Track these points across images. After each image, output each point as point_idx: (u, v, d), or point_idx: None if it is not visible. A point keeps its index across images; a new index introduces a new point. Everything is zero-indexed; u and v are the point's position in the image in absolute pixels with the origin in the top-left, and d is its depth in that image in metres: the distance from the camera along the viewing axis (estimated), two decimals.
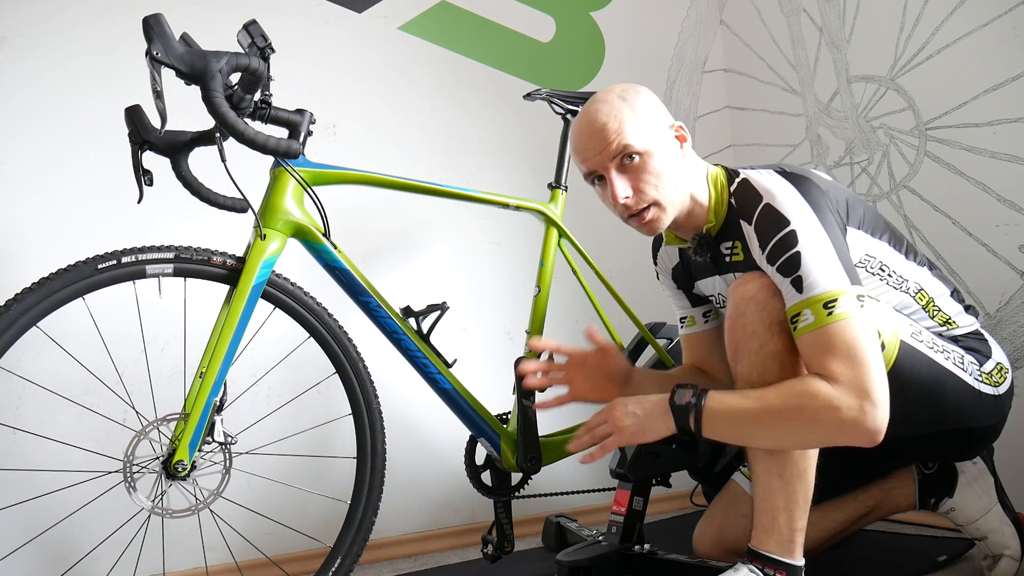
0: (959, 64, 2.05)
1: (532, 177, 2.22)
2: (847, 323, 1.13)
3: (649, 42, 2.68)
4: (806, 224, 1.20)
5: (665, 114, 1.33)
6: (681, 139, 1.32)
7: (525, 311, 1.77)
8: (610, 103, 1.30)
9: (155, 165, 1.46)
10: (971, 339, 1.39)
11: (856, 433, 1.13)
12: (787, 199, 1.23)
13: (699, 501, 2.08)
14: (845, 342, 1.12)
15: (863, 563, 1.68)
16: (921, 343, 1.28)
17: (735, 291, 1.26)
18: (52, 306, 1.25)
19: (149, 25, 1.23)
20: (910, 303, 1.34)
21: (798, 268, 1.17)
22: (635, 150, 1.27)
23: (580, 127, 1.32)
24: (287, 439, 1.73)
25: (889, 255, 1.33)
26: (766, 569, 1.21)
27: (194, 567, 1.78)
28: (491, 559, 1.65)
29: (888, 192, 2.23)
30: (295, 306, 1.47)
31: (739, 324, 1.24)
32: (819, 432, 1.16)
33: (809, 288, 1.15)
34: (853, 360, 1.12)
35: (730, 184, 1.33)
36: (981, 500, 1.49)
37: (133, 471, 1.28)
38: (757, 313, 1.21)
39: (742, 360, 1.23)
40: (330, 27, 2.16)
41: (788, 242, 1.19)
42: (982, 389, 1.33)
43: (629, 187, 1.28)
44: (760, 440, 1.21)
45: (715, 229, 1.36)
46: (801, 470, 1.21)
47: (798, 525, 1.22)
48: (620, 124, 1.27)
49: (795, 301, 1.17)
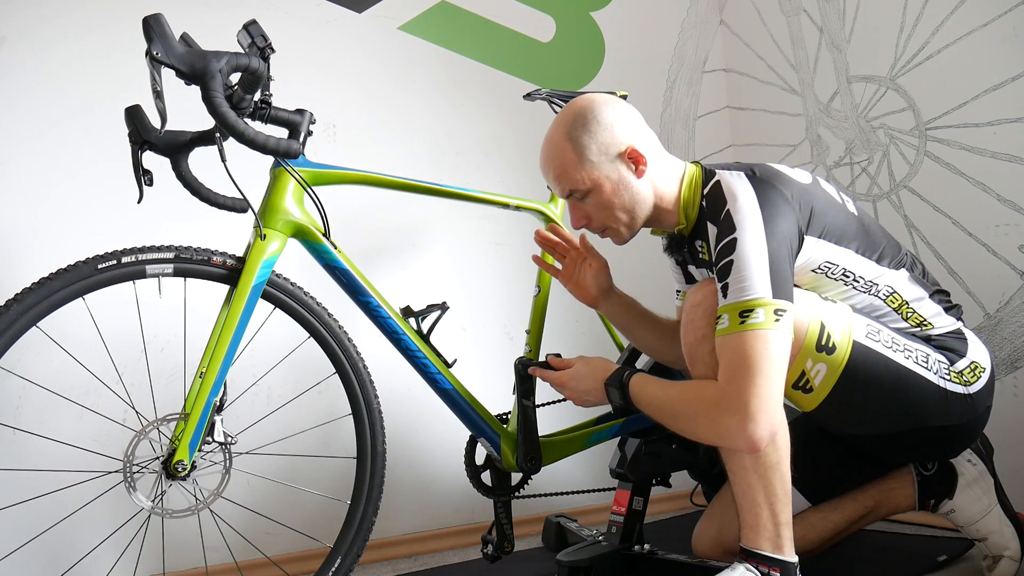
0: (959, 64, 2.05)
1: (532, 177, 2.20)
2: (752, 335, 1.16)
3: (649, 42, 2.69)
4: (749, 234, 1.22)
5: (619, 138, 1.36)
6: (636, 160, 1.36)
7: (525, 311, 1.77)
8: (554, 143, 1.39)
9: (155, 165, 1.46)
10: (948, 338, 1.40)
11: (729, 440, 1.19)
12: (744, 206, 1.25)
13: (699, 501, 2.08)
14: (741, 353, 1.16)
15: (863, 563, 1.68)
16: (878, 343, 1.31)
17: (687, 300, 1.35)
18: (52, 306, 1.25)
19: (149, 25, 1.23)
20: (880, 305, 1.37)
21: (728, 275, 1.22)
22: (580, 191, 1.37)
23: (540, 156, 1.43)
24: (287, 439, 1.73)
25: (854, 261, 1.35)
26: (760, 567, 1.22)
27: (194, 567, 1.78)
28: (491, 559, 1.65)
29: (888, 192, 2.23)
30: (295, 306, 1.47)
31: (689, 330, 1.31)
32: (703, 434, 1.25)
33: (732, 295, 1.20)
34: (742, 372, 1.16)
35: (704, 186, 1.37)
36: (981, 501, 1.49)
37: (133, 471, 1.28)
38: (704, 318, 1.28)
39: (697, 364, 1.30)
40: (330, 27, 2.16)
41: (728, 249, 1.23)
42: (949, 387, 1.34)
43: (583, 217, 1.41)
44: (674, 429, 1.32)
45: (687, 229, 1.42)
46: (773, 462, 1.23)
47: (782, 519, 1.23)
48: (563, 168, 1.37)
49: (720, 304, 1.22)
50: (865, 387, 1.29)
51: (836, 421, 1.40)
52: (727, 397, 1.17)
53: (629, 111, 1.40)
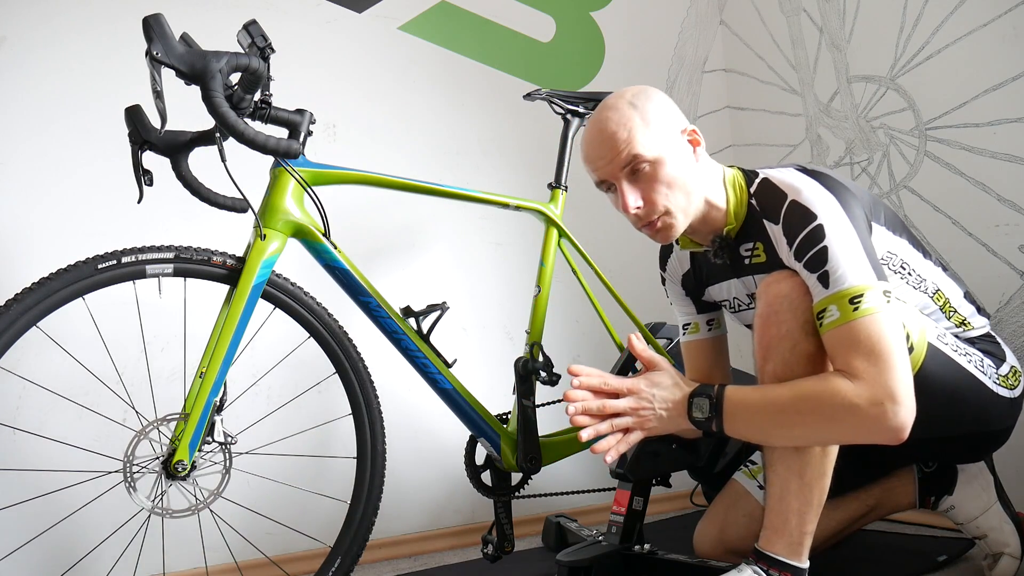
0: (959, 64, 2.05)
1: (532, 177, 2.22)
2: (872, 319, 1.10)
3: (649, 42, 2.68)
4: (833, 219, 1.17)
5: (678, 118, 1.30)
6: (694, 143, 1.29)
7: (525, 311, 1.77)
8: (620, 110, 1.26)
9: (155, 165, 1.46)
10: (985, 341, 1.39)
11: (878, 432, 1.11)
12: (813, 194, 1.21)
13: (699, 501, 2.08)
14: (869, 338, 1.10)
15: (863, 563, 1.68)
16: (946, 345, 1.27)
17: (767, 289, 1.22)
18: (52, 306, 1.25)
19: (149, 25, 1.23)
20: (928, 304, 1.33)
21: (825, 263, 1.15)
22: (645, 159, 1.24)
23: (590, 135, 1.29)
24: (287, 439, 1.73)
25: (909, 254, 1.32)
26: (771, 571, 1.20)
27: (194, 567, 1.78)
28: (491, 559, 1.65)
29: (888, 192, 2.23)
30: (295, 306, 1.47)
31: (772, 323, 1.20)
32: (840, 431, 1.14)
33: (836, 283, 1.13)
34: (876, 357, 1.09)
35: (749, 185, 1.31)
36: (980, 498, 1.49)
37: (133, 471, 1.28)
38: (790, 312, 1.18)
39: (773, 360, 1.20)
40: (330, 27, 2.16)
41: (816, 237, 1.16)
42: (1000, 392, 1.32)
43: (640, 197, 1.26)
44: (780, 439, 1.19)
45: (735, 231, 1.33)
46: (821, 472, 1.20)
47: (808, 528, 1.21)
48: (630, 133, 1.24)
49: (821, 296, 1.15)
50: (934, 390, 1.23)
51: None
52: (871, 387, 1.08)
53: None
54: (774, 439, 1.20)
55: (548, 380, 1.61)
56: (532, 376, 1.63)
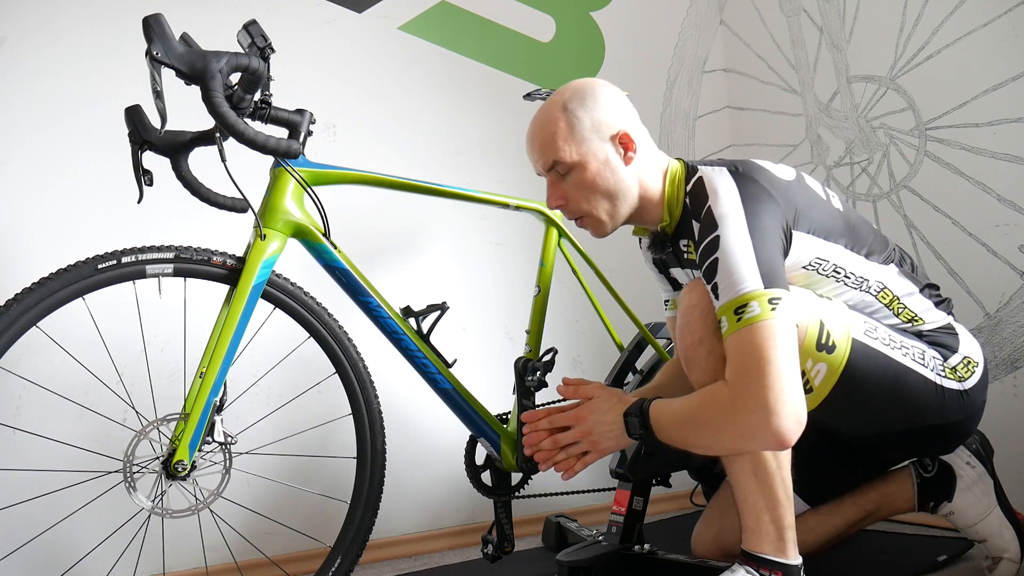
0: (959, 64, 2.05)
1: (532, 177, 2.21)
2: (751, 329, 1.12)
3: (649, 42, 2.69)
4: (731, 229, 1.19)
5: (613, 120, 1.33)
6: (627, 146, 1.32)
7: (525, 311, 1.77)
8: (549, 111, 1.34)
9: (155, 165, 1.46)
10: (939, 334, 1.39)
11: (757, 441, 1.12)
12: (725, 202, 1.22)
13: (699, 501, 2.08)
14: (744, 349, 1.12)
15: (863, 563, 1.68)
16: (876, 340, 1.29)
17: (681, 300, 1.29)
18: (52, 306, 1.25)
19: (149, 25, 1.23)
20: (871, 301, 1.36)
21: (715, 274, 1.18)
22: (564, 165, 1.32)
23: (528, 131, 1.38)
24: (287, 439, 1.73)
25: (845, 257, 1.32)
26: (761, 570, 1.20)
27: (194, 567, 1.78)
28: (491, 559, 1.65)
29: (888, 192, 2.23)
30: (295, 306, 1.47)
31: (686, 333, 1.26)
32: (728, 440, 1.16)
33: (723, 294, 1.16)
34: (749, 368, 1.11)
35: (687, 182, 1.33)
36: (980, 503, 1.49)
37: (133, 471, 1.28)
38: (701, 321, 1.23)
39: (695, 368, 1.25)
40: (330, 27, 2.16)
41: (712, 247, 1.19)
42: (944, 384, 1.33)
43: (561, 197, 1.35)
44: (698, 447, 1.21)
45: (671, 227, 1.38)
46: (773, 468, 1.21)
47: (785, 522, 1.21)
48: (552, 137, 1.32)
49: (716, 307, 1.18)
50: (865, 386, 1.27)
51: (835, 421, 1.39)
52: (741, 396, 1.11)
53: (627, 101, 1.38)
54: (695, 448, 1.22)
55: (536, 385, 1.59)
56: (532, 376, 1.63)
